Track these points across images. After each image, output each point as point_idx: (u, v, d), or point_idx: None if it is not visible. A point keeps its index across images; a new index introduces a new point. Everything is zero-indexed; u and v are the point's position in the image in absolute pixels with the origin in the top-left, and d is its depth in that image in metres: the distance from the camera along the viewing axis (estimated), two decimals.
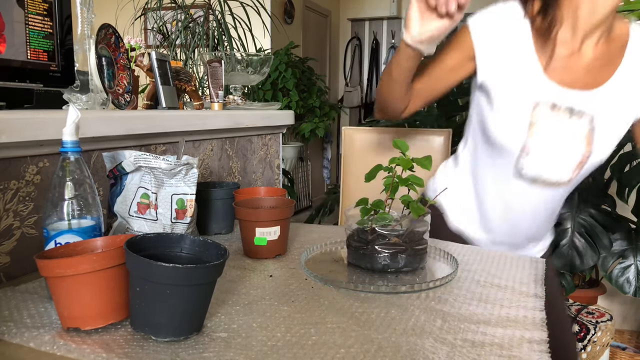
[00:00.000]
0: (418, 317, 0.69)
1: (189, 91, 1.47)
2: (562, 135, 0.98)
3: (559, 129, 0.98)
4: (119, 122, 1.03)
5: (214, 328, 0.64)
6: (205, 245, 0.67)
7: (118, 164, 0.86)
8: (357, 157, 1.66)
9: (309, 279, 0.84)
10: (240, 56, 1.62)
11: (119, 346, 0.59)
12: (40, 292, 0.74)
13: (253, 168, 1.66)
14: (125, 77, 1.20)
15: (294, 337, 0.62)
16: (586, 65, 0.96)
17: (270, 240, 0.93)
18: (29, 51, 0.90)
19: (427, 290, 0.79)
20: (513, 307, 0.74)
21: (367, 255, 0.87)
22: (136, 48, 1.33)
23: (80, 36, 1.08)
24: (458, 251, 1.02)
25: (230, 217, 1.12)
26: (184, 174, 0.88)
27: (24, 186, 0.87)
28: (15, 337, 0.60)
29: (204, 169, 1.40)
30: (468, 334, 0.64)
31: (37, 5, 0.90)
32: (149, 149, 1.17)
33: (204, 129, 1.33)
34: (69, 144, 0.68)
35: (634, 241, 1.86)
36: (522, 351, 0.60)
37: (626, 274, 1.85)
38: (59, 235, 0.67)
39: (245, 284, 0.80)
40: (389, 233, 0.88)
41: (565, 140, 0.98)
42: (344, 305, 0.73)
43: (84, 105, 1.10)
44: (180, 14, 2.49)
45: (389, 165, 0.90)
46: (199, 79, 2.34)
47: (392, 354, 0.58)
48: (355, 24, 6.03)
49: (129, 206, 0.88)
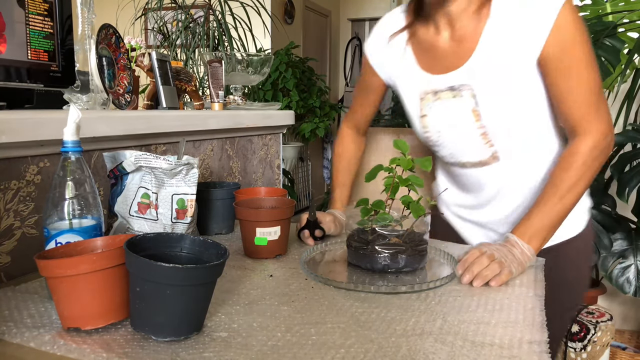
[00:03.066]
0: (418, 317, 0.69)
1: (189, 91, 1.47)
2: (452, 116, 1.02)
3: (448, 112, 1.02)
4: (120, 122, 1.03)
5: (214, 328, 0.64)
6: (205, 245, 0.67)
7: (119, 164, 0.86)
8: None
9: (309, 279, 0.84)
10: (241, 56, 1.62)
11: (119, 346, 0.59)
12: (41, 292, 0.74)
13: (253, 168, 1.66)
14: (126, 77, 1.20)
15: (294, 337, 0.62)
16: (452, 47, 1.02)
17: (271, 240, 0.93)
18: (30, 51, 0.90)
19: (427, 291, 0.79)
20: (513, 307, 0.74)
21: (367, 255, 0.87)
22: (137, 48, 1.33)
23: (80, 36, 1.08)
24: (458, 251, 1.02)
25: (230, 217, 1.12)
26: (184, 174, 0.88)
27: (25, 186, 0.87)
28: (16, 337, 0.60)
29: (205, 169, 1.40)
30: (468, 334, 0.64)
31: (38, 6, 0.91)
32: (150, 149, 1.17)
33: (204, 129, 1.33)
34: (69, 143, 0.68)
35: (634, 241, 1.86)
36: (522, 351, 0.60)
37: (626, 274, 1.85)
38: (59, 235, 0.67)
39: (245, 284, 0.81)
40: (389, 233, 0.88)
41: (457, 120, 1.01)
42: (344, 305, 0.73)
43: (84, 105, 1.10)
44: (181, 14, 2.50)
45: (389, 165, 0.90)
46: (199, 79, 2.34)
47: (392, 354, 0.58)
48: (355, 24, 6.03)
49: (129, 206, 0.88)
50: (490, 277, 0.84)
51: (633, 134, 1.73)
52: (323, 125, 4.01)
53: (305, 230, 1.06)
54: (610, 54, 1.76)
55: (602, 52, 1.77)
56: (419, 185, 0.89)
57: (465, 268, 0.86)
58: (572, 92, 0.93)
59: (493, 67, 0.97)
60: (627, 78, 2.00)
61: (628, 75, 1.99)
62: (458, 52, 1.01)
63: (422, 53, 1.06)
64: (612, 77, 1.97)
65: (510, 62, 0.95)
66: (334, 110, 4.19)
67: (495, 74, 0.97)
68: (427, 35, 1.05)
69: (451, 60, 1.02)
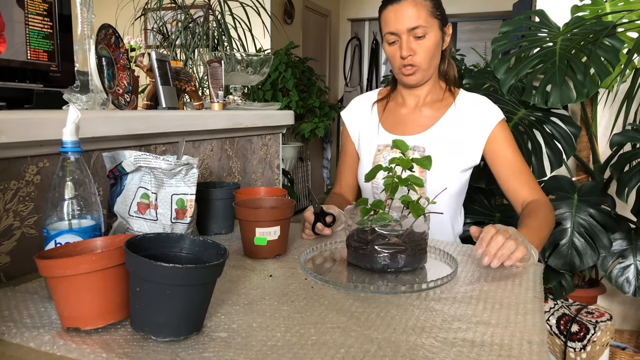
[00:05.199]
0: (418, 317, 0.69)
1: (189, 91, 1.47)
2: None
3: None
4: (119, 122, 1.03)
5: (214, 328, 0.64)
6: (205, 245, 0.67)
7: (118, 164, 0.86)
8: None
9: (309, 279, 0.84)
10: (240, 56, 1.62)
11: (119, 346, 0.59)
12: (40, 292, 0.74)
13: (253, 168, 1.66)
14: (125, 77, 1.20)
15: (294, 337, 0.62)
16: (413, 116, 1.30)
17: (270, 240, 0.93)
18: (29, 51, 0.90)
19: (427, 290, 0.79)
20: (513, 307, 0.74)
21: (367, 255, 0.87)
22: (136, 48, 1.33)
23: (80, 36, 1.08)
24: (458, 251, 1.02)
25: (230, 217, 1.12)
26: (184, 174, 0.88)
27: (24, 186, 0.87)
28: (15, 337, 0.60)
29: (204, 169, 1.40)
30: (468, 334, 0.64)
31: (37, 6, 0.91)
32: (149, 149, 1.17)
33: (204, 129, 1.33)
34: (69, 144, 0.68)
35: (633, 241, 1.86)
36: (522, 351, 0.60)
37: (626, 274, 1.85)
38: (59, 235, 0.67)
39: (245, 284, 0.80)
40: (388, 233, 0.88)
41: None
42: (344, 305, 0.73)
43: (84, 105, 1.10)
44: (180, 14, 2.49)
45: (388, 165, 0.90)
46: (199, 79, 2.34)
47: (392, 354, 0.58)
48: (355, 24, 6.03)
49: (129, 206, 0.88)
50: (507, 255, 0.90)
51: (633, 134, 1.73)
52: (323, 125, 4.01)
53: (318, 223, 1.07)
54: (609, 54, 1.76)
55: (602, 52, 1.77)
56: (419, 184, 0.89)
57: (483, 248, 0.92)
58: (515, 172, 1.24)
59: (443, 142, 1.24)
60: (626, 78, 2.00)
61: (627, 75, 1.99)
62: (419, 121, 1.28)
63: (386, 115, 1.33)
64: (611, 77, 1.96)
65: (456, 144, 1.24)
66: (333, 110, 4.19)
67: (444, 148, 1.23)
68: (394, 103, 1.34)
69: (412, 127, 1.28)
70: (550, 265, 1.82)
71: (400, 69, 1.22)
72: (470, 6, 5.44)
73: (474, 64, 3.35)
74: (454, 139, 1.25)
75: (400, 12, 1.17)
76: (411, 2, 1.17)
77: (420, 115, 1.29)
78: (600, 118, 2.27)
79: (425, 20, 1.17)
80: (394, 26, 1.18)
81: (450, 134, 1.25)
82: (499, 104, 2.02)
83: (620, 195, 1.65)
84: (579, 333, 1.74)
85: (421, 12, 1.17)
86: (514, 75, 1.91)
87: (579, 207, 1.85)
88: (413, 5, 1.16)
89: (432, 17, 1.18)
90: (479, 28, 6.10)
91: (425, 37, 1.18)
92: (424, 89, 1.28)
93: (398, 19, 1.17)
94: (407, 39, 1.18)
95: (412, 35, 1.17)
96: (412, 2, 1.17)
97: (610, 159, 1.94)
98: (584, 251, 1.80)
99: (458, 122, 1.26)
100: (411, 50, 1.18)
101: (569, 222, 1.83)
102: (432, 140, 1.25)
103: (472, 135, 1.25)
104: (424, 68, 1.21)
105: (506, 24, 2.10)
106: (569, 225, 1.83)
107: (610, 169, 1.76)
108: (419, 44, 1.18)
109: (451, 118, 1.26)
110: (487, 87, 2.11)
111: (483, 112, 1.25)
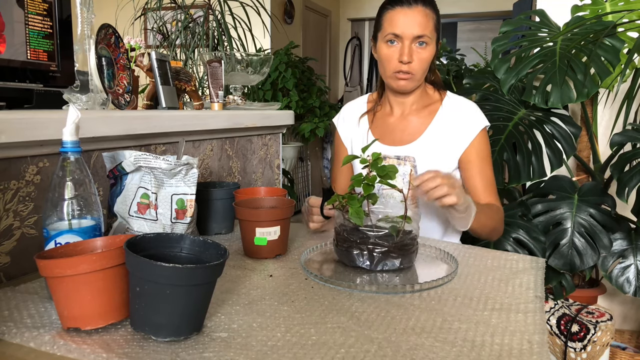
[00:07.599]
0: (418, 317, 0.69)
1: (189, 91, 1.47)
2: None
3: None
4: (119, 122, 1.03)
5: (214, 328, 0.64)
6: (205, 245, 0.67)
7: (118, 164, 0.86)
8: None
9: (309, 279, 0.84)
10: (240, 56, 1.62)
11: (119, 346, 0.59)
12: (40, 292, 0.74)
13: (253, 168, 1.66)
14: (125, 77, 1.20)
15: (294, 337, 0.62)
16: (401, 125, 1.31)
17: (271, 240, 0.93)
18: (29, 51, 0.90)
19: (428, 290, 0.79)
20: (513, 307, 0.74)
21: (356, 253, 0.87)
22: (136, 48, 1.33)
23: (80, 36, 1.08)
24: (458, 251, 1.02)
25: (230, 217, 1.12)
26: (184, 174, 0.88)
27: (24, 186, 0.87)
28: (15, 337, 0.60)
29: (204, 169, 1.40)
30: (468, 334, 0.64)
31: (37, 6, 0.90)
32: (149, 149, 1.17)
33: (204, 129, 1.33)
34: (69, 144, 0.68)
35: (633, 241, 1.86)
36: (522, 351, 0.60)
37: (626, 274, 1.85)
38: (59, 235, 0.67)
39: (245, 284, 0.80)
40: (379, 233, 0.88)
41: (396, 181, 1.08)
42: (344, 305, 0.73)
43: (83, 105, 1.10)
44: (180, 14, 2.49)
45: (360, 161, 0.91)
46: (199, 79, 2.34)
47: (392, 354, 0.58)
48: (355, 24, 6.03)
49: (129, 206, 0.88)
50: (437, 195, 0.97)
51: (633, 133, 1.73)
52: (323, 125, 4.01)
53: (325, 203, 1.07)
54: (609, 54, 1.76)
55: (602, 52, 1.77)
56: (395, 172, 0.89)
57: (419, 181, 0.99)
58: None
59: (433, 151, 1.25)
60: (626, 78, 2.00)
61: (628, 75, 1.99)
62: (407, 130, 1.30)
63: (375, 124, 1.35)
64: (611, 77, 1.96)
65: (444, 150, 1.26)
66: (333, 110, 4.19)
67: (433, 156, 1.25)
68: (382, 112, 1.36)
69: (400, 137, 1.30)
70: (551, 265, 1.81)
71: (394, 72, 1.22)
72: (470, 6, 5.44)
73: (474, 64, 3.35)
74: (442, 145, 1.27)
75: (410, 17, 1.18)
76: (422, 10, 1.18)
77: (408, 124, 1.30)
78: (601, 118, 2.27)
79: (431, 31, 1.19)
80: (400, 29, 1.18)
81: (439, 141, 1.27)
82: (499, 103, 2.03)
83: (620, 195, 1.65)
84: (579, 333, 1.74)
85: (429, 23, 1.18)
86: (514, 75, 1.91)
87: (579, 207, 1.85)
88: (424, 15, 1.18)
89: (434, 31, 1.20)
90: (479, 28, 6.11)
91: (426, 47, 1.20)
92: (411, 98, 1.30)
93: (407, 23, 1.18)
94: (410, 46, 1.19)
95: (415, 42, 1.19)
96: (423, 11, 1.18)
97: (611, 158, 1.94)
98: (584, 251, 1.80)
99: (444, 128, 1.27)
100: (411, 57, 1.19)
101: (569, 222, 1.83)
102: (422, 149, 1.27)
103: (454, 139, 1.26)
104: (418, 78, 1.23)
105: (506, 23, 2.10)
106: (569, 225, 1.83)
107: (611, 169, 1.76)
108: (418, 53, 1.19)
109: (438, 125, 1.28)
110: (487, 87, 2.11)
111: (467, 118, 1.27)
